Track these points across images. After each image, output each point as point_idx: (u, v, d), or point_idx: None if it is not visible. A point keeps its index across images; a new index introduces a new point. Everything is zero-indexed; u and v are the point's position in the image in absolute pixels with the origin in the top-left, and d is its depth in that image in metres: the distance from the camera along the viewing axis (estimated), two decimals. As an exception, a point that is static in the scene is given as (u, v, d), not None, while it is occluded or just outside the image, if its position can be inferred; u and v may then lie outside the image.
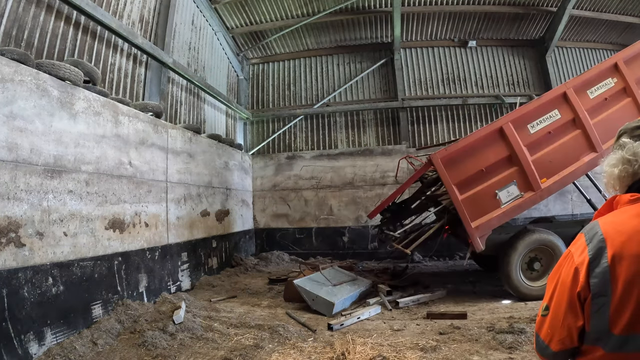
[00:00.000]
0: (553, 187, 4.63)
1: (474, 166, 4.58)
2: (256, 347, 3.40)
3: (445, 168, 4.52)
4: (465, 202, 4.51)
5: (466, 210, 4.48)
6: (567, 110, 4.67)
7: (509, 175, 4.59)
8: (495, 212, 4.53)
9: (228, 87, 9.45)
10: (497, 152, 4.60)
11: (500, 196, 4.55)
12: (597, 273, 0.95)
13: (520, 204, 4.56)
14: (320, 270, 5.19)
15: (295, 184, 9.17)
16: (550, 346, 1.05)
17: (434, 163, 4.53)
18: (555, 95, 4.71)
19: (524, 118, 4.65)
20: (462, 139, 4.76)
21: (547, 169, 4.60)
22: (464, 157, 4.59)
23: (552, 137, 4.67)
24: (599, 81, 4.78)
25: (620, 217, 1.01)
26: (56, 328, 3.26)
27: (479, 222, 4.50)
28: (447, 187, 4.53)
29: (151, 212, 4.91)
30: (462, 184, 4.56)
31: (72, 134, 3.68)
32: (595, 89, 4.76)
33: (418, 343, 3.42)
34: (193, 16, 7.79)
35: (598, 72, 4.79)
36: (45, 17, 4.28)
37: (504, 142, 4.58)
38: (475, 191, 4.56)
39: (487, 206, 4.54)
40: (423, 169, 5.01)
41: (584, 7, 8.98)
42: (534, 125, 4.65)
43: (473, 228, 4.47)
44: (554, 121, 4.66)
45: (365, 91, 9.87)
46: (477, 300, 4.89)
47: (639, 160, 1.06)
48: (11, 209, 2.97)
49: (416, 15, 9.20)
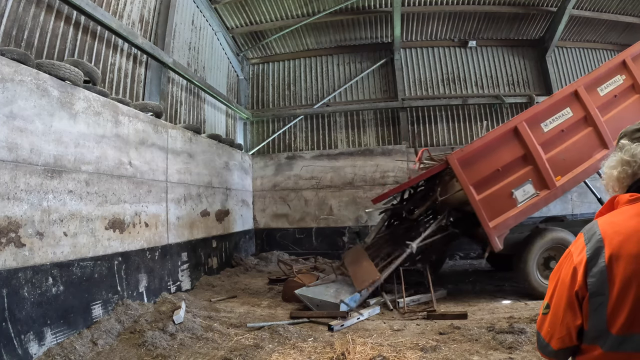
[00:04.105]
0: (567, 185, 4.65)
1: (490, 166, 4.62)
2: (256, 347, 3.40)
3: (461, 168, 4.55)
4: (483, 202, 4.54)
5: (483, 210, 4.51)
6: (579, 108, 4.72)
7: (524, 174, 4.62)
8: (512, 212, 4.56)
9: (228, 87, 9.45)
10: (512, 152, 4.64)
11: (517, 195, 4.58)
12: (595, 272, 0.96)
13: (536, 202, 4.59)
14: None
15: (295, 184, 9.17)
16: (551, 344, 1.07)
17: (451, 163, 4.56)
18: (567, 93, 4.75)
19: (538, 117, 4.69)
20: (478, 139, 4.79)
21: (561, 167, 4.63)
22: (480, 157, 4.63)
23: (565, 135, 4.71)
24: (608, 78, 4.82)
25: (619, 217, 1.02)
26: (56, 328, 3.25)
27: (497, 222, 4.53)
28: (464, 188, 4.55)
29: (151, 212, 4.91)
30: (479, 184, 4.59)
31: (72, 134, 3.68)
32: (605, 86, 4.80)
33: (418, 343, 3.42)
34: (193, 16, 7.79)
35: (607, 70, 4.83)
36: (45, 17, 4.28)
37: (519, 141, 4.63)
38: (492, 191, 4.59)
39: (504, 205, 4.57)
40: (438, 167, 4.98)
41: (584, 7, 8.98)
42: (547, 124, 4.69)
43: (491, 228, 4.50)
44: (567, 119, 4.71)
45: (365, 91, 9.87)
46: (477, 300, 4.89)
47: (637, 161, 1.07)
48: (11, 209, 2.97)
49: (416, 15, 9.20)
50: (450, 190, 5.03)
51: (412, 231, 5.78)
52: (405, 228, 6.00)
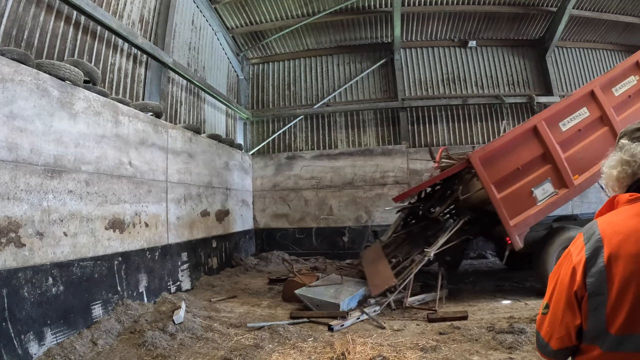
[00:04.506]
0: (584, 183, 4.70)
1: (510, 165, 4.67)
2: (256, 347, 3.40)
3: (483, 167, 4.58)
4: (503, 200, 4.57)
5: (504, 209, 4.54)
6: (595, 108, 4.80)
7: (543, 173, 4.68)
8: (532, 210, 4.60)
9: (228, 87, 9.45)
10: (532, 150, 4.70)
11: (536, 194, 4.62)
12: (594, 272, 0.96)
13: (555, 200, 4.64)
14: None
15: (295, 184, 9.17)
16: (550, 344, 1.06)
17: (472, 162, 4.59)
18: (583, 93, 4.83)
19: (556, 116, 4.76)
20: (498, 138, 4.83)
21: (578, 166, 4.67)
22: (500, 156, 4.68)
23: (582, 135, 4.78)
24: (622, 79, 4.92)
25: (618, 217, 1.02)
26: (56, 328, 3.26)
27: (517, 220, 4.56)
28: (485, 186, 4.58)
29: (151, 212, 4.91)
30: (499, 183, 4.63)
31: (72, 134, 3.68)
32: (620, 86, 4.90)
33: (418, 343, 3.42)
34: (193, 16, 7.79)
35: (622, 70, 4.93)
36: (45, 17, 4.28)
37: (538, 140, 4.69)
38: (513, 190, 4.63)
39: (524, 204, 4.62)
40: (459, 166, 4.98)
41: (584, 7, 8.98)
42: (565, 123, 4.77)
43: (512, 226, 4.53)
44: (583, 119, 4.79)
45: (365, 91, 9.87)
46: (477, 300, 4.89)
47: (637, 161, 1.07)
48: (11, 209, 2.97)
49: (416, 15, 9.21)
50: (471, 189, 5.05)
51: (429, 229, 5.81)
52: (422, 227, 6.01)
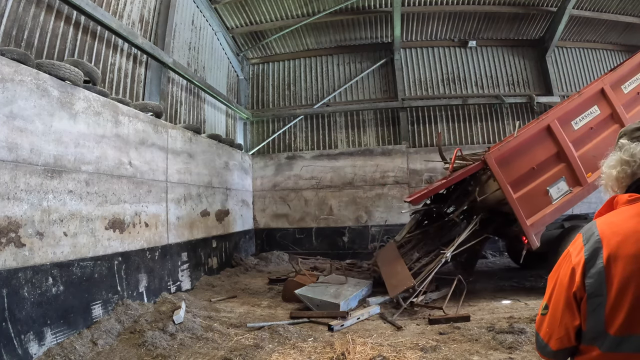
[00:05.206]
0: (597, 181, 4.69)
1: (525, 164, 4.69)
2: (256, 347, 3.40)
3: (499, 167, 4.60)
4: (520, 200, 4.59)
5: (521, 208, 4.56)
6: (606, 106, 4.85)
7: (558, 172, 4.71)
8: (547, 209, 4.62)
9: (228, 87, 9.45)
10: (546, 150, 4.73)
11: (551, 192, 4.66)
12: (593, 273, 0.95)
13: (570, 199, 4.66)
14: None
15: (295, 184, 9.17)
16: (549, 345, 1.06)
17: (488, 163, 4.60)
18: (594, 91, 4.87)
19: (568, 115, 4.80)
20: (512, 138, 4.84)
21: (591, 164, 4.69)
22: (516, 156, 4.71)
23: (593, 133, 4.82)
24: (631, 76, 4.98)
25: (617, 218, 1.02)
26: (56, 328, 3.26)
27: (534, 220, 4.58)
28: (502, 186, 4.59)
29: (151, 212, 4.91)
30: (515, 183, 4.65)
31: (72, 134, 3.68)
32: (629, 83, 4.96)
33: (418, 343, 3.42)
34: (193, 16, 7.79)
35: (630, 68, 4.98)
36: (45, 17, 4.28)
37: (552, 139, 4.72)
38: (528, 189, 4.65)
39: (540, 203, 4.64)
40: (475, 167, 4.94)
41: (584, 7, 8.97)
42: (577, 122, 4.81)
43: (528, 225, 4.54)
44: (595, 117, 4.83)
45: (365, 91, 9.87)
46: (477, 300, 4.89)
47: (637, 161, 1.07)
48: (11, 209, 2.97)
49: (416, 15, 9.20)
50: (487, 189, 5.04)
51: (444, 230, 5.81)
52: (436, 227, 5.99)
